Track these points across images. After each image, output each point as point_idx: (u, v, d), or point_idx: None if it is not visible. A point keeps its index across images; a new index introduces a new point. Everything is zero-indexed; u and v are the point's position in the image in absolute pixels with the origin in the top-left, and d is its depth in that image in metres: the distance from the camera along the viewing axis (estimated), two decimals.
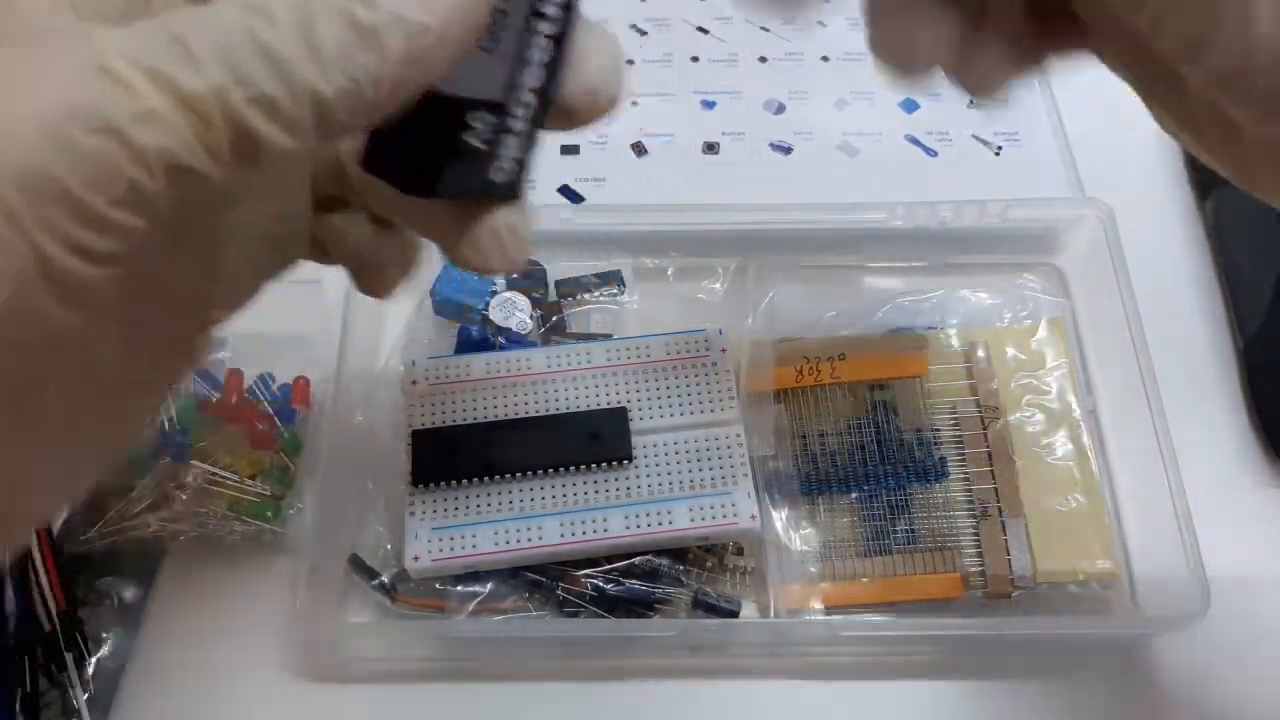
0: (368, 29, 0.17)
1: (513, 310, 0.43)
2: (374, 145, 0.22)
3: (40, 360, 0.18)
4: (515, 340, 0.42)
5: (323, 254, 0.27)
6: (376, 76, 0.17)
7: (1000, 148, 0.51)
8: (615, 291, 0.45)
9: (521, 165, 0.23)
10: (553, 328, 0.44)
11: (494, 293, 0.44)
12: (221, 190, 0.18)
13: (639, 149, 0.50)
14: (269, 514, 0.39)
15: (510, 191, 0.23)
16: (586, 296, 0.44)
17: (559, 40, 0.21)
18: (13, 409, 0.18)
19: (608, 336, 0.43)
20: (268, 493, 0.39)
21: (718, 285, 0.45)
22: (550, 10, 0.21)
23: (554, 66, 0.22)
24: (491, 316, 0.43)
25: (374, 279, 0.27)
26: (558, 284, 0.45)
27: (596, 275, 0.45)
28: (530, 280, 0.44)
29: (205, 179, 0.17)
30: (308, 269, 0.28)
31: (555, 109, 0.22)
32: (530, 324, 0.43)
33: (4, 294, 0.16)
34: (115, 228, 0.17)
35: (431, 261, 0.44)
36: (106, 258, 0.17)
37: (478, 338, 0.42)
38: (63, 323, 0.17)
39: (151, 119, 0.16)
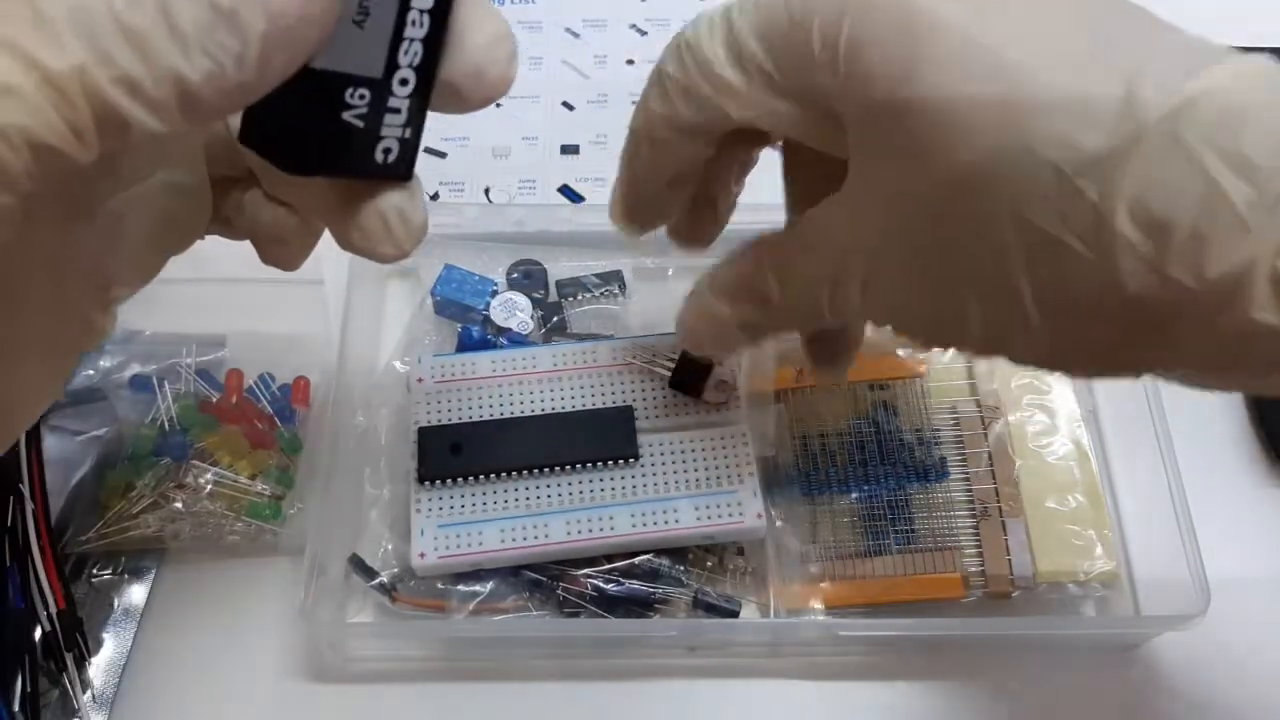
0: (227, 10, 0.17)
1: (513, 310, 0.43)
2: (251, 119, 0.21)
3: None
4: (516, 340, 0.43)
5: (227, 227, 0.27)
6: (239, 57, 0.17)
7: None
8: (615, 291, 0.45)
9: (407, 145, 0.22)
10: (553, 328, 0.44)
11: (495, 293, 0.44)
12: (98, 168, 0.18)
13: None
14: (269, 514, 0.39)
15: (397, 171, 0.22)
16: (587, 296, 0.44)
17: (438, 15, 0.21)
18: None
19: (609, 336, 0.43)
20: (268, 493, 0.39)
21: None
22: None
23: (434, 43, 0.21)
24: (492, 316, 0.43)
25: (277, 252, 0.27)
26: (558, 284, 0.45)
27: (597, 275, 0.45)
28: (531, 280, 0.45)
29: (71, 158, 0.17)
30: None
31: (441, 88, 0.22)
32: (531, 324, 0.43)
33: None
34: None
35: (433, 263, 0.44)
36: None
37: (478, 338, 0.42)
38: None
39: (10, 94, 0.16)
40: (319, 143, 0.21)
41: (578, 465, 0.38)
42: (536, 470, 0.38)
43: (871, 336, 0.42)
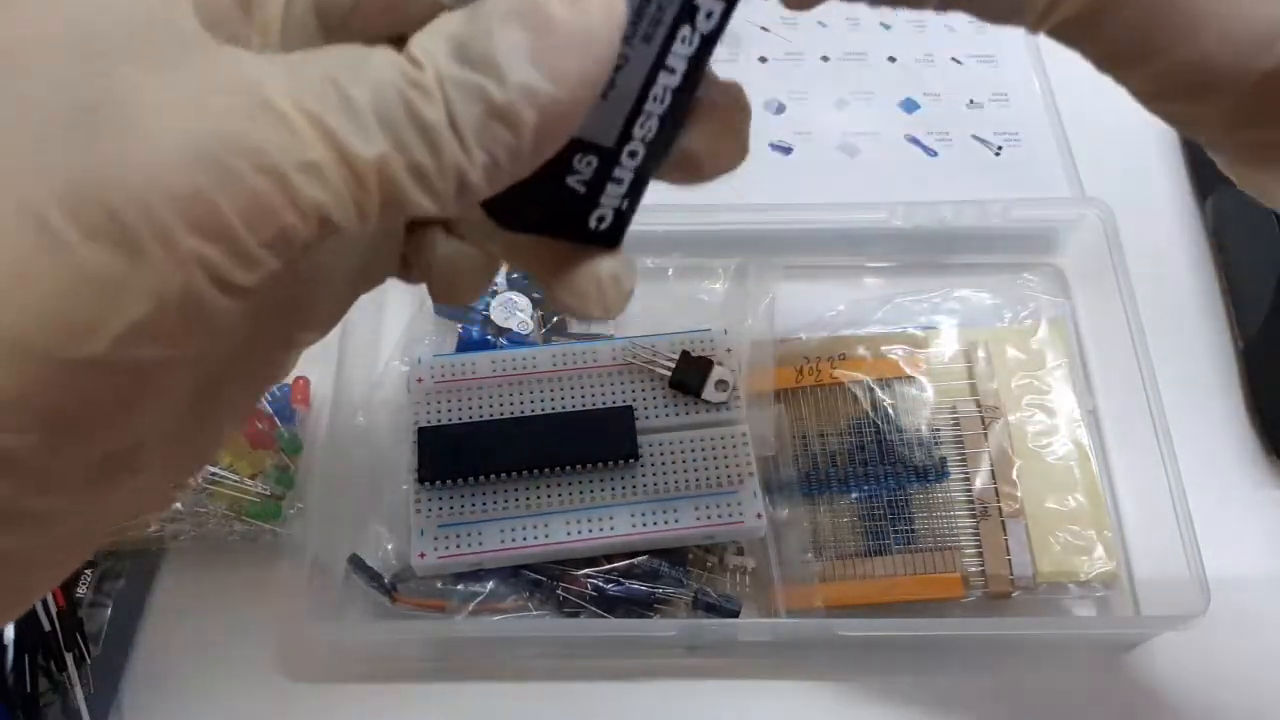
0: (502, 108, 0.17)
1: (513, 310, 0.43)
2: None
3: (147, 384, 0.18)
4: (516, 340, 0.43)
5: (404, 269, 0.26)
6: (514, 150, 0.18)
7: (1000, 148, 0.51)
8: None
9: (621, 216, 0.22)
10: (553, 328, 0.44)
11: (494, 293, 0.44)
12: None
13: None
14: (269, 514, 0.39)
15: (607, 239, 0.23)
16: None
17: (682, 94, 0.21)
18: (113, 427, 0.18)
19: (609, 337, 0.43)
20: (268, 493, 0.39)
21: (718, 285, 0.45)
22: (677, 64, 0.20)
23: (673, 120, 0.21)
24: (492, 317, 0.43)
25: (453, 291, 0.26)
26: None
27: None
28: (531, 280, 0.44)
29: (344, 231, 0.17)
30: None
31: (670, 163, 0.22)
32: (531, 324, 0.43)
33: (141, 311, 0.16)
34: (258, 267, 0.17)
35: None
36: (241, 292, 0.17)
37: (478, 338, 0.42)
38: (182, 349, 0.17)
39: (313, 171, 0.16)
40: (538, 204, 0.21)
41: (578, 465, 0.38)
42: (536, 470, 0.38)
43: (872, 336, 0.42)
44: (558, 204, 0.21)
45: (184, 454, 0.22)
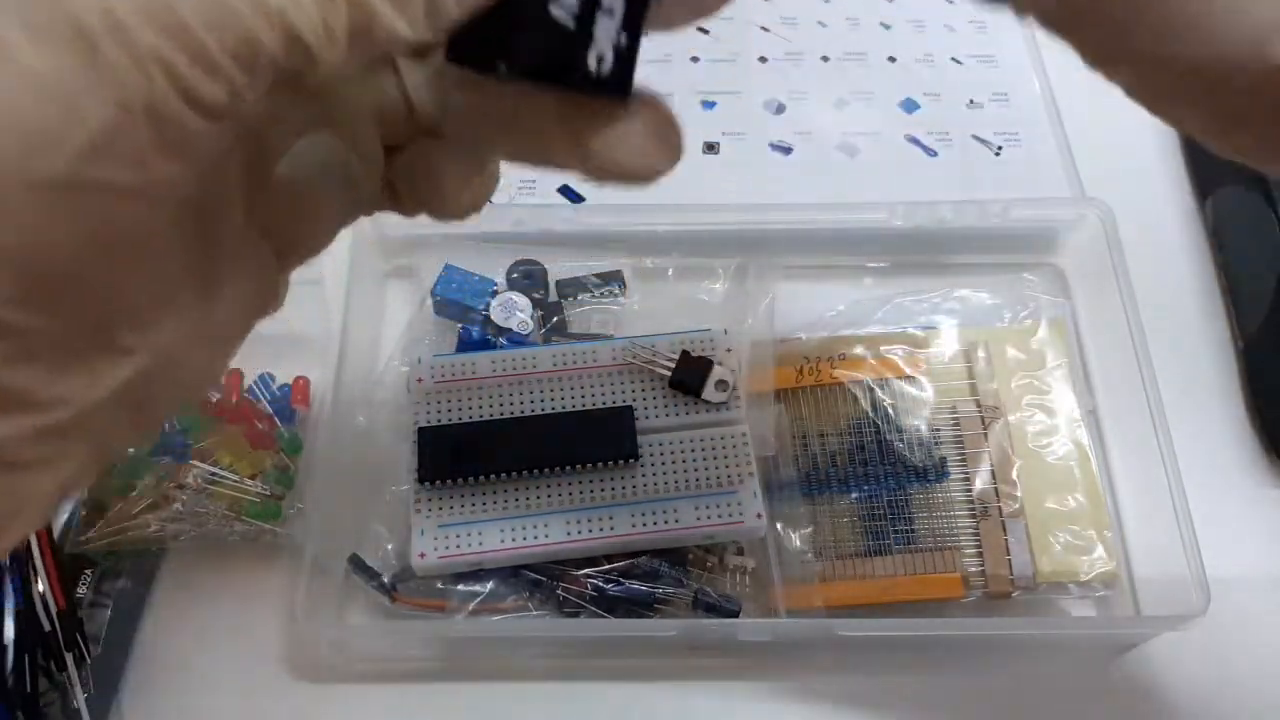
0: None
1: (513, 310, 0.43)
2: (459, 34, 0.20)
3: (123, 220, 0.17)
4: (516, 340, 0.43)
5: (394, 198, 0.26)
6: None
7: (1000, 148, 0.51)
8: (616, 291, 0.45)
9: (622, 56, 0.21)
10: (553, 328, 0.44)
11: (495, 293, 0.44)
12: (311, 96, 0.17)
13: None
14: (269, 514, 0.39)
15: (613, 86, 0.21)
16: (587, 296, 0.44)
17: None
18: (94, 277, 0.17)
19: (609, 337, 0.43)
20: (268, 493, 0.39)
21: (718, 285, 0.45)
22: None
23: None
24: (492, 317, 0.43)
25: (446, 197, 0.25)
26: (558, 284, 0.45)
27: (597, 275, 0.45)
28: (530, 280, 0.44)
29: (313, 62, 0.17)
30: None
31: None
32: (531, 324, 0.43)
33: (101, 120, 0.15)
34: (226, 80, 0.16)
35: (433, 263, 0.44)
36: (212, 113, 0.16)
37: (478, 338, 0.42)
38: (156, 174, 0.16)
39: None
40: (528, 41, 0.20)
41: (578, 465, 0.38)
42: (536, 470, 0.38)
43: (872, 336, 0.42)
44: (546, 40, 0.20)
45: (189, 345, 0.21)
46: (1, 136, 0.15)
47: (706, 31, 0.55)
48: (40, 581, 0.37)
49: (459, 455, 0.38)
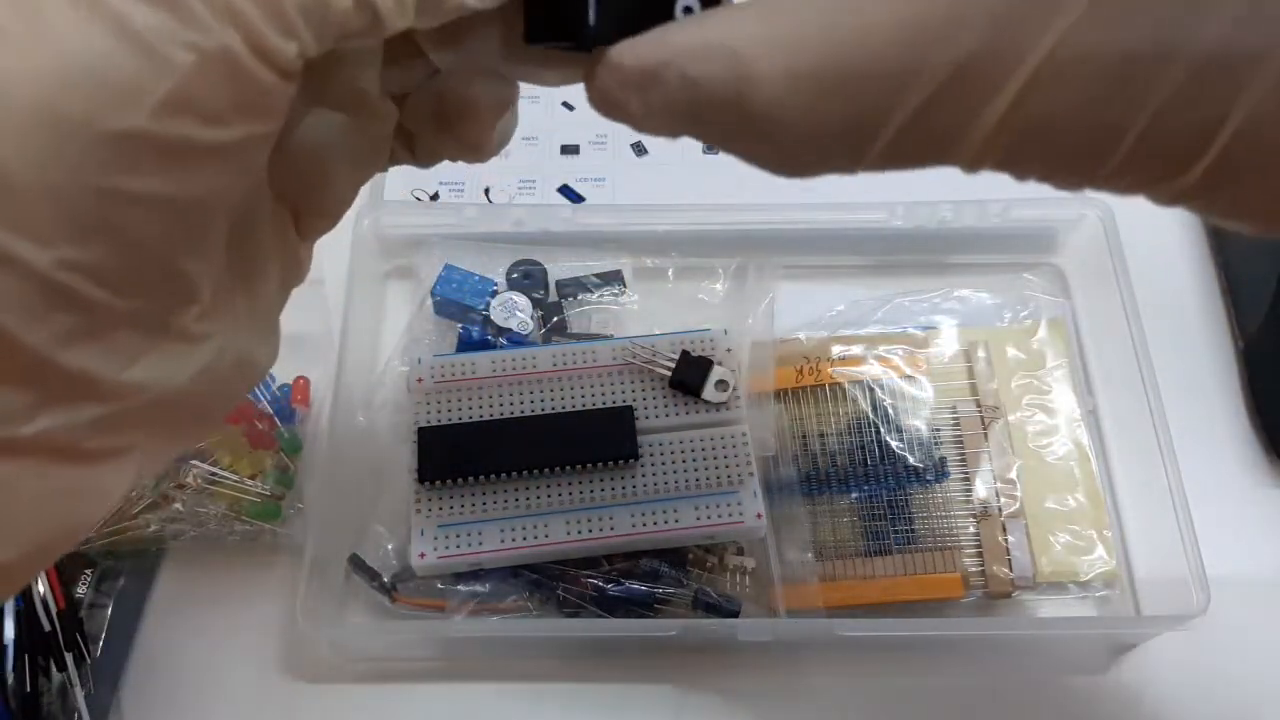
0: None
1: (513, 310, 0.43)
2: (535, 11, 0.20)
3: (196, 184, 0.16)
4: (516, 340, 0.43)
5: (408, 146, 0.25)
6: None
7: None
8: (616, 291, 0.45)
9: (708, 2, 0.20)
10: (553, 328, 0.44)
11: (495, 293, 0.44)
12: (345, 75, 0.17)
13: (639, 149, 0.50)
14: (269, 514, 0.39)
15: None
16: (587, 296, 0.44)
17: None
18: (166, 246, 0.16)
19: (609, 337, 0.43)
20: (268, 493, 0.39)
21: (718, 285, 0.45)
22: None
23: None
24: (492, 317, 0.43)
25: (487, 133, 0.24)
26: (558, 284, 0.45)
27: (597, 275, 0.45)
28: (530, 280, 0.44)
29: (378, 26, 0.17)
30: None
31: None
32: (531, 324, 0.43)
33: (183, 70, 0.15)
34: (295, 36, 0.16)
35: (433, 263, 0.44)
36: (281, 69, 0.16)
37: (478, 338, 0.42)
38: (228, 130, 0.16)
39: None
40: (613, 7, 0.20)
41: (578, 465, 0.38)
42: (536, 470, 0.38)
43: (872, 336, 0.42)
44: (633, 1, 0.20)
45: (247, 329, 0.21)
46: (83, 84, 0.15)
47: None
48: (40, 581, 0.37)
49: (459, 455, 0.38)
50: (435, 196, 0.51)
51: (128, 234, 0.16)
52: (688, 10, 0.20)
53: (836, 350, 0.42)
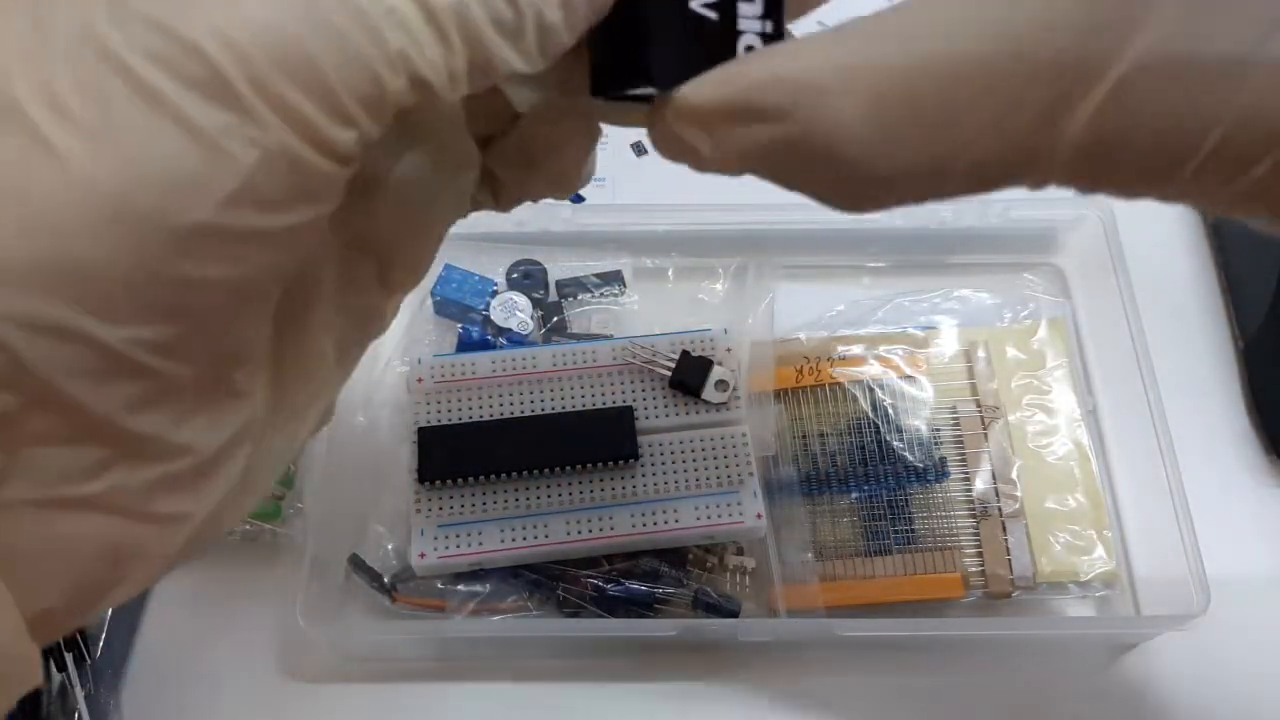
0: None
1: (513, 310, 0.43)
2: (599, 65, 0.20)
3: (251, 265, 0.17)
4: (516, 340, 0.43)
5: (494, 190, 0.25)
6: None
7: None
8: (616, 291, 0.45)
9: (772, 42, 0.20)
10: (553, 328, 0.44)
11: (495, 293, 0.44)
12: (428, 124, 0.17)
13: (639, 149, 0.50)
14: (269, 514, 0.39)
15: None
16: (587, 296, 0.44)
17: None
18: (221, 321, 0.17)
19: (609, 337, 0.43)
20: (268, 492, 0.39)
21: (718, 285, 0.45)
22: None
23: None
24: (492, 317, 0.43)
25: (573, 171, 0.24)
26: (558, 284, 0.45)
27: (597, 275, 0.45)
28: (530, 280, 0.45)
29: (434, 101, 0.17)
30: None
31: None
32: (531, 324, 0.43)
33: (246, 167, 0.15)
34: (353, 125, 0.16)
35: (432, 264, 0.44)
36: (339, 156, 0.16)
37: (478, 338, 0.42)
38: (283, 218, 0.16)
39: (396, 18, 0.16)
40: (676, 46, 0.19)
41: (578, 465, 0.38)
42: (536, 470, 0.38)
43: (872, 336, 0.42)
44: (696, 38, 0.19)
45: (288, 384, 0.21)
46: (155, 182, 0.15)
47: None
48: None
49: (459, 455, 0.38)
50: None
51: (190, 313, 0.17)
52: (749, 49, 0.20)
53: (836, 350, 0.42)
